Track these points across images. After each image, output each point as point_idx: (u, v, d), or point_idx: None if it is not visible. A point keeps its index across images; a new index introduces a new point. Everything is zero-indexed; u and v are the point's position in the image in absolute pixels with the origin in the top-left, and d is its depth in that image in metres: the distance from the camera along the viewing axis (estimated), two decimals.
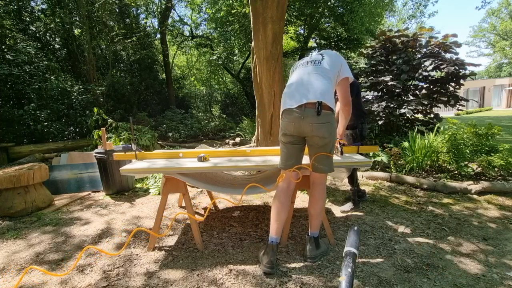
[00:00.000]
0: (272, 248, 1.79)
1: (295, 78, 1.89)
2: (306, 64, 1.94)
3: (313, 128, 1.74)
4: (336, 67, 1.88)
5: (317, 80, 1.79)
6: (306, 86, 1.79)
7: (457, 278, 1.69)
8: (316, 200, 1.89)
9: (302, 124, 1.75)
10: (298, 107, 1.75)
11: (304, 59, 2.00)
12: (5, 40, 6.36)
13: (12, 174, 2.73)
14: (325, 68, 1.85)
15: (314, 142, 1.81)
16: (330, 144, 1.79)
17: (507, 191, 3.08)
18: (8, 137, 5.66)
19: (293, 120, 1.78)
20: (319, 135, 1.75)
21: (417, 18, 24.91)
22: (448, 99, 4.69)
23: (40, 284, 1.71)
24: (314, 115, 1.72)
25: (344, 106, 1.98)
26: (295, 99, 1.78)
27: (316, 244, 1.91)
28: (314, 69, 1.86)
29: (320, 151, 1.80)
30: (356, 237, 0.89)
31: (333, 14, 8.59)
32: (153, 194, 3.40)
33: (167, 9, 11.76)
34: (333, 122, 1.79)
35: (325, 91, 1.75)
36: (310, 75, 1.83)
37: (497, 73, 35.61)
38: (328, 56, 1.92)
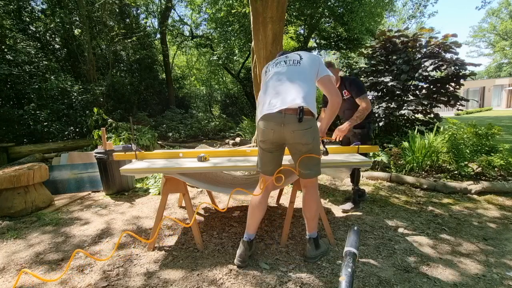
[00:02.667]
0: (244, 243, 1.83)
1: (273, 81, 1.75)
2: (283, 64, 1.80)
3: (294, 135, 1.65)
4: (315, 67, 1.78)
5: (297, 83, 1.67)
6: (286, 90, 1.66)
7: (457, 278, 1.69)
8: (309, 204, 1.84)
9: (283, 131, 1.65)
10: (278, 113, 1.62)
11: (279, 59, 1.87)
12: (5, 40, 6.35)
13: (12, 174, 2.73)
14: (305, 69, 1.74)
15: (297, 150, 1.73)
16: (314, 148, 1.72)
17: (507, 191, 3.08)
18: (8, 137, 5.66)
19: (272, 128, 1.66)
20: (302, 142, 1.67)
21: (417, 18, 24.93)
22: (448, 99, 4.69)
23: (40, 284, 1.71)
24: (295, 122, 1.61)
25: (333, 97, 1.78)
26: (273, 104, 1.64)
27: (315, 244, 1.88)
28: (293, 70, 1.74)
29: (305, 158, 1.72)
30: (356, 237, 0.89)
31: (333, 14, 8.59)
32: (153, 194, 3.40)
33: (167, 9, 11.76)
34: (315, 126, 1.71)
35: (306, 94, 1.64)
36: (289, 77, 1.71)
37: (497, 73, 35.62)
38: (306, 56, 1.82)
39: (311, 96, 1.67)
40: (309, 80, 1.72)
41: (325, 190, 3.36)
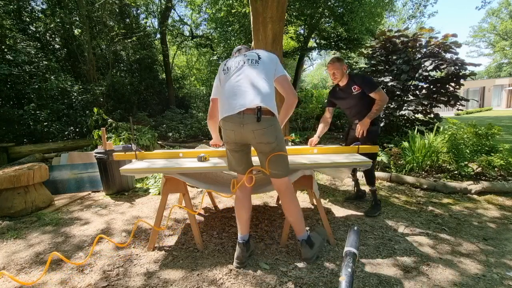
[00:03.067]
0: (240, 245, 1.83)
1: (232, 82, 1.72)
2: (242, 63, 1.77)
3: (255, 135, 1.64)
4: (273, 66, 1.78)
5: (256, 83, 1.66)
6: (244, 91, 1.64)
7: (457, 278, 1.69)
8: (289, 208, 1.81)
9: (243, 131, 1.65)
10: (237, 114, 1.62)
11: (237, 59, 1.82)
12: (5, 40, 6.35)
13: (12, 174, 2.73)
14: (264, 68, 1.73)
15: (261, 149, 1.72)
16: (279, 147, 1.70)
17: (507, 191, 3.08)
18: (8, 137, 5.66)
19: (233, 128, 1.66)
20: (264, 142, 1.66)
21: (417, 18, 24.94)
22: (448, 99, 4.69)
23: (40, 284, 1.71)
24: (254, 122, 1.61)
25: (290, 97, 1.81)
26: (232, 105, 1.63)
27: (309, 244, 1.84)
28: (252, 69, 1.71)
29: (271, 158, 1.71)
30: (356, 237, 0.89)
31: (333, 14, 8.59)
32: (153, 194, 3.40)
33: (167, 9, 11.76)
34: (276, 124, 1.69)
35: (265, 94, 1.63)
36: (248, 77, 1.68)
37: (497, 73, 35.61)
38: (264, 55, 1.81)
39: (270, 95, 1.67)
40: (268, 80, 1.72)
41: (325, 190, 3.36)
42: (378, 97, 2.49)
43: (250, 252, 1.92)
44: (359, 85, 2.55)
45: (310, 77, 29.69)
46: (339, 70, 2.57)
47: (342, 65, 2.58)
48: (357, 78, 2.59)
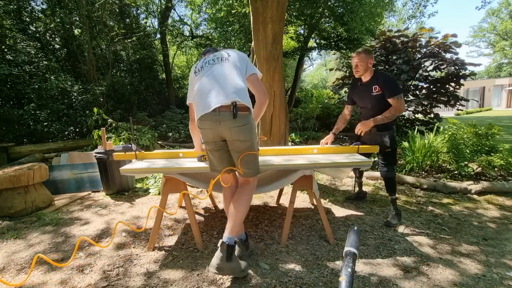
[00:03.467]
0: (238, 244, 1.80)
1: (203, 81, 1.69)
2: (212, 62, 1.76)
3: (232, 132, 1.62)
4: (243, 64, 1.76)
5: (229, 79, 1.65)
6: (218, 87, 1.62)
7: (457, 278, 1.69)
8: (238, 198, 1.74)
9: (220, 129, 1.63)
10: (213, 112, 1.58)
11: (208, 58, 1.81)
12: (5, 40, 6.35)
13: (12, 174, 2.73)
14: (235, 65, 1.72)
15: (235, 147, 1.68)
16: (253, 145, 1.68)
17: (507, 191, 3.08)
18: (8, 137, 5.66)
19: (210, 127, 1.64)
20: (241, 139, 1.63)
21: (417, 18, 24.92)
22: (448, 99, 4.69)
23: (40, 284, 1.71)
24: (230, 119, 1.58)
25: (261, 96, 1.78)
26: (207, 104, 1.60)
27: (228, 253, 1.61)
28: (223, 66, 1.71)
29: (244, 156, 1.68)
30: (356, 237, 0.89)
31: (333, 14, 8.58)
32: (153, 194, 3.40)
33: (167, 9, 11.75)
34: (252, 122, 1.66)
35: (239, 89, 1.61)
36: (220, 74, 1.67)
37: (497, 73, 35.61)
38: (233, 53, 1.80)
39: (244, 90, 1.64)
40: (241, 76, 1.70)
41: (325, 190, 3.36)
42: (395, 104, 2.27)
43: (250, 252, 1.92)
44: (381, 85, 2.31)
45: (310, 77, 29.69)
46: (364, 63, 2.33)
47: (368, 58, 2.33)
48: (381, 77, 2.34)
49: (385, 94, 2.30)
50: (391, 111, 2.29)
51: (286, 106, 3.72)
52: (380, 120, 2.30)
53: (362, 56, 2.34)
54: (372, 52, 2.41)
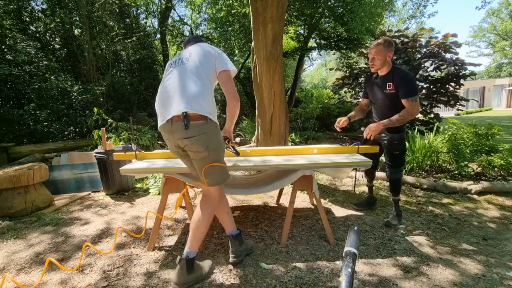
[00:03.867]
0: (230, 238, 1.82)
1: (163, 87, 1.62)
2: (174, 65, 1.65)
3: (184, 143, 1.54)
4: (207, 62, 1.60)
5: (182, 85, 1.53)
6: (170, 96, 1.54)
7: (457, 278, 1.69)
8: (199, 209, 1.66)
9: (175, 139, 1.56)
10: (167, 123, 1.53)
11: (173, 59, 1.72)
12: (5, 40, 6.35)
13: (12, 174, 2.73)
14: (194, 66, 1.58)
15: (192, 157, 1.61)
16: (209, 157, 1.57)
17: (507, 191, 3.08)
18: (8, 137, 5.66)
19: (167, 137, 1.60)
20: (193, 150, 1.55)
21: (417, 18, 24.95)
22: (448, 99, 4.70)
23: (40, 284, 1.71)
24: (182, 130, 1.49)
25: (230, 100, 1.64)
26: (162, 114, 1.55)
27: (188, 267, 1.59)
28: (180, 70, 1.59)
29: (200, 166, 1.60)
30: (356, 237, 0.89)
31: (333, 14, 8.58)
32: (153, 194, 3.40)
33: (167, 9, 11.76)
34: (210, 131, 1.54)
35: (191, 96, 1.49)
36: (175, 81, 1.56)
37: (497, 73, 35.61)
38: (196, 50, 1.64)
39: (199, 96, 1.51)
40: (200, 78, 1.55)
41: (325, 190, 3.36)
42: (408, 107, 2.11)
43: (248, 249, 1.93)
44: (396, 83, 2.13)
45: (310, 77, 29.70)
46: (381, 57, 2.14)
47: (388, 51, 2.13)
48: (397, 75, 2.14)
49: (400, 93, 2.13)
50: (403, 114, 2.12)
51: (286, 106, 3.72)
52: (390, 124, 2.15)
53: (380, 49, 2.13)
54: (392, 44, 2.17)
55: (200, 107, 1.50)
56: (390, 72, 2.20)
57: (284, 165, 2.00)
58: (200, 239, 1.65)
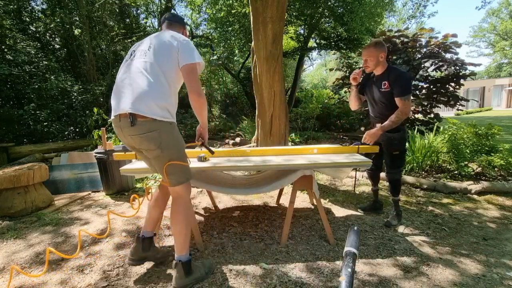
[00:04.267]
0: (136, 240, 1.76)
1: (117, 80, 1.55)
2: (130, 57, 1.56)
3: (134, 141, 1.49)
4: (167, 57, 1.49)
5: (133, 83, 1.45)
6: (121, 92, 1.48)
7: (457, 278, 1.69)
8: (175, 217, 1.60)
9: (124, 136, 1.51)
10: (115, 118, 1.49)
11: (132, 47, 1.62)
12: (5, 40, 6.35)
13: (12, 174, 2.73)
14: (149, 63, 1.48)
15: (147, 155, 1.56)
16: (163, 155, 1.50)
17: (507, 191, 3.08)
18: (8, 137, 5.66)
19: (117, 132, 1.54)
20: (144, 148, 1.50)
21: (417, 18, 24.97)
22: (448, 99, 4.69)
23: (40, 284, 1.71)
24: (129, 126, 1.43)
25: (190, 94, 1.55)
26: (113, 107, 1.51)
27: (185, 270, 1.58)
28: (136, 64, 1.49)
29: (155, 165, 1.56)
30: (356, 237, 0.89)
31: (333, 14, 8.58)
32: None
33: (167, 9, 11.75)
34: (162, 129, 1.47)
35: (141, 97, 1.42)
36: (128, 75, 1.49)
37: (497, 73, 35.62)
38: (157, 43, 1.53)
39: (149, 96, 1.43)
40: (154, 77, 1.45)
41: (325, 190, 3.36)
42: (401, 106, 2.15)
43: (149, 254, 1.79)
44: (391, 82, 2.19)
45: (310, 77, 29.70)
46: (373, 58, 2.20)
47: (378, 52, 2.20)
48: (392, 74, 2.20)
49: (394, 92, 2.18)
50: (398, 114, 2.16)
51: (286, 106, 3.72)
52: (387, 127, 2.18)
53: (371, 50, 2.21)
54: (383, 44, 2.25)
55: (147, 109, 1.42)
56: (386, 71, 2.26)
57: (284, 165, 2.00)
58: (185, 242, 1.60)
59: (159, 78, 1.47)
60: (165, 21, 1.75)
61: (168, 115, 1.51)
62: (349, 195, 3.20)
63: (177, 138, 1.57)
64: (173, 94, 1.55)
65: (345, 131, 8.10)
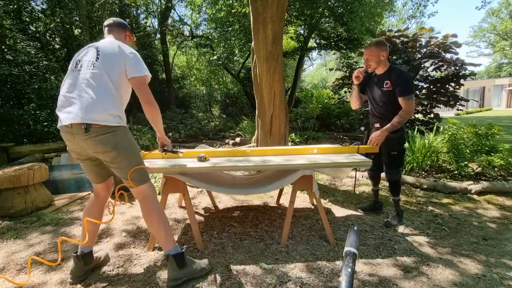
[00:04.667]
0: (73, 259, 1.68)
1: (65, 86, 1.55)
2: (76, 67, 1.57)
3: (88, 145, 1.49)
4: (117, 65, 1.54)
5: (85, 93, 1.47)
6: (71, 102, 1.48)
7: (457, 278, 1.69)
8: (147, 218, 1.65)
9: (76, 141, 1.50)
10: (64, 126, 1.48)
11: (78, 57, 1.61)
12: (5, 40, 6.35)
13: (12, 174, 2.73)
14: (99, 73, 1.50)
15: (102, 159, 1.57)
16: (123, 158, 1.54)
17: (507, 191, 3.08)
18: (8, 137, 5.66)
19: (67, 138, 1.53)
20: (100, 151, 1.50)
21: (417, 18, 24.97)
22: (448, 99, 4.70)
23: (40, 284, 1.71)
24: (83, 133, 1.46)
25: (143, 106, 1.62)
26: (62, 115, 1.49)
27: (177, 263, 1.62)
28: (85, 75, 1.51)
29: (113, 166, 1.57)
30: (356, 237, 0.89)
31: (333, 14, 8.58)
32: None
33: (167, 9, 11.75)
34: (116, 132, 1.51)
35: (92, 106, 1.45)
36: (77, 85, 1.50)
37: (497, 73, 35.62)
38: (105, 54, 1.55)
39: (104, 105, 1.47)
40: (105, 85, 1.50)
41: (325, 190, 3.36)
42: (405, 106, 2.15)
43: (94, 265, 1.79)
44: (393, 82, 2.19)
45: (310, 77, 29.71)
46: (375, 57, 2.21)
47: (379, 51, 2.20)
48: (394, 73, 2.21)
49: (396, 92, 2.18)
50: (401, 114, 2.16)
51: (286, 106, 3.72)
52: (392, 128, 2.18)
53: (372, 50, 2.21)
54: (384, 43, 2.24)
55: (100, 118, 1.46)
56: (387, 70, 2.26)
57: (284, 165, 2.00)
58: (168, 236, 1.64)
59: (109, 88, 1.52)
60: (106, 27, 1.78)
61: (120, 120, 1.55)
62: (349, 195, 3.20)
63: (132, 140, 1.62)
64: (123, 102, 1.63)
65: (345, 131, 8.11)
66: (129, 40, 1.88)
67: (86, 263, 1.72)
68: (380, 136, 2.22)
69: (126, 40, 1.84)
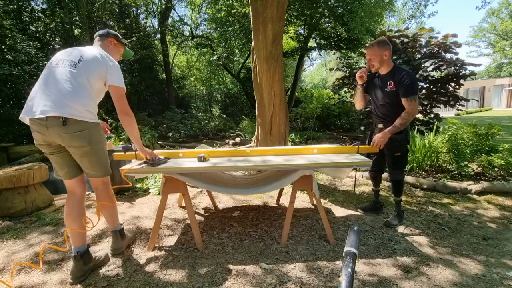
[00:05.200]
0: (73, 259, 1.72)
1: (41, 81, 1.61)
2: (61, 63, 1.63)
3: (63, 139, 1.56)
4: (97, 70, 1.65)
5: (63, 88, 1.55)
6: (47, 95, 1.53)
7: (457, 278, 1.69)
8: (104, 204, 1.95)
9: (50, 134, 1.55)
10: (37, 119, 1.52)
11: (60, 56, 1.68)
12: (5, 40, 6.36)
13: (12, 174, 2.73)
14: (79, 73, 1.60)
15: (72, 152, 1.66)
16: (94, 152, 1.68)
17: (507, 191, 3.08)
18: (8, 137, 5.67)
19: (39, 130, 1.56)
20: (75, 145, 1.60)
21: (417, 18, 24.95)
22: (448, 99, 4.70)
23: (40, 284, 1.71)
24: (60, 125, 1.52)
25: (121, 115, 1.74)
26: (35, 108, 1.53)
27: (121, 236, 2.03)
28: (64, 72, 1.59)
29: (84, 160, 1.70)
30: (356, 237, 0.89)
31: (333, 14, 8.59)
32: (153, 194, 3.40)
33: (167, 9, 11.76)
34: (91, 127, 1.63)
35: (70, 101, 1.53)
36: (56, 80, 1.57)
37: (497, 73, 35.62)
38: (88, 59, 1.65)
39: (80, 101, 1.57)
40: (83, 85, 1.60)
41: (325, 190, 3.36)
42: (408, 107, 2.12)
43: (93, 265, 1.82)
44: (396, 82, 2.16)
45: (310, 77, 29.72)
46: (377, 57, 2.19)
47: (382, 50, 2.17)
48: (398, 73, 2.17)
49: (399, 92, 2.15)
50: (405, 115, 2.14)
51: (286, 106, 3.72)
52: (394, 130, 2.17)
53: (374, 49, 2.19)
54: (387, 42, 2.21)
55: (78, 112, 1.57)
56: (391, 71, 2.23)
57: (284, 165, 2.00)
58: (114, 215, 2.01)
59: (87, 87, 1.63)
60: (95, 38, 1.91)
61: (95, 117, 1.70)
62: (349, 195, 3.20)
63: (102, 135, 1.80)
64: (96, 101, 1.75)
65: (345, 131, 8.11)
66: (114, 45, 1.93)
67: (85, 263, 1.74)
68: (383, 138, 2.20)
69: (111, 46, 1.91)
